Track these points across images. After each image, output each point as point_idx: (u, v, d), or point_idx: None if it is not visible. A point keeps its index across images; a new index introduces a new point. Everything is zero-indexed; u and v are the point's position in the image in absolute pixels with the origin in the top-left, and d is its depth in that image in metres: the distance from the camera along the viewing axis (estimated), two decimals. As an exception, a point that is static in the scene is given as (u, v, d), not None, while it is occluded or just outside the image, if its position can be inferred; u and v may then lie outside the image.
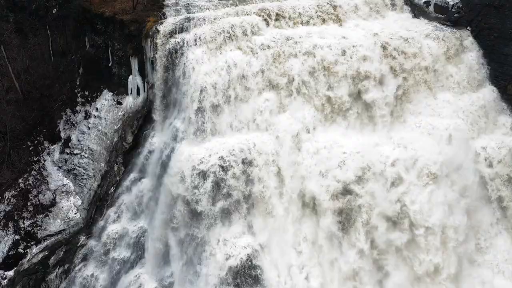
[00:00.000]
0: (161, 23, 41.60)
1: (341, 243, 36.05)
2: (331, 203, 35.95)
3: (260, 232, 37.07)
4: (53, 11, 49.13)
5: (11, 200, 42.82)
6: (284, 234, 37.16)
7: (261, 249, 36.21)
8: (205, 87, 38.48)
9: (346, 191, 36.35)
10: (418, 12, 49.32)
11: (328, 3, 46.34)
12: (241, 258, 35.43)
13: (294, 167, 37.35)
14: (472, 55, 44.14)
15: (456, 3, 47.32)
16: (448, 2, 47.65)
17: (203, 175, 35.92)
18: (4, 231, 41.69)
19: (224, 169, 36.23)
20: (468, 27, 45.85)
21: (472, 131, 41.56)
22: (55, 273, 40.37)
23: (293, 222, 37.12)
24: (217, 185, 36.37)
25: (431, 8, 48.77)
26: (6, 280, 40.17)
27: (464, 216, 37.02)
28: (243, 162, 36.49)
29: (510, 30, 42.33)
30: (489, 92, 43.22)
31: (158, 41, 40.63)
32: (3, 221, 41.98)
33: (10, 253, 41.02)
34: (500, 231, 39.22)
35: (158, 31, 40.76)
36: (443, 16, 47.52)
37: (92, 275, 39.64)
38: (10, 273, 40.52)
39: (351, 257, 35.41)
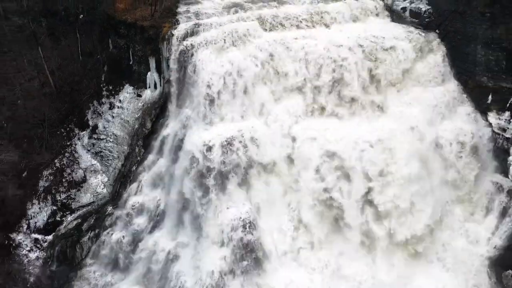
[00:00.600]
0: (175, 28, 49.63)
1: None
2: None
3: (257, 200, 44.94)
4: (81, 17, 56.85)
5: (49, 177, 50.80)
6: (276, 202, 45.07)
7: (258, 214, 44.08)
8: (212, 83, 46.39)
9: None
10: (396, 17, 56.88)
11: (317, 10, 54.04)
12: (241, 220, 43.29)
13: (284, 148, 45.16)
14: (439, 55, 51.69)
15: (428, 9, 54.86)
16: (421, 9, 55.18)
17: (212, 150, 43.79)
18: (44, 203, 49.64)
19: (227, 147, 44.08)
20: (437, 30, 53.32)
21: (437, 118, 48.98)
22: (87, 236, 48.48)
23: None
24: (222, 161, 44.23)
25: (407, 13, 56.27)
26: (46, 243, 48.17)
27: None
28: (243, 141, 44.33)
29: (471, 33, 49.73)
30: (453, 86, 50.65)
31: (173, 43, 48.70)
32: (42, 195, 49.95)
33: (49, 221, 48.94)
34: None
35: (173, 35, 48.80)
36: (417, 20, 55.08)
37: (118, 238, 47.65)
38: (49, 237, 48.46)
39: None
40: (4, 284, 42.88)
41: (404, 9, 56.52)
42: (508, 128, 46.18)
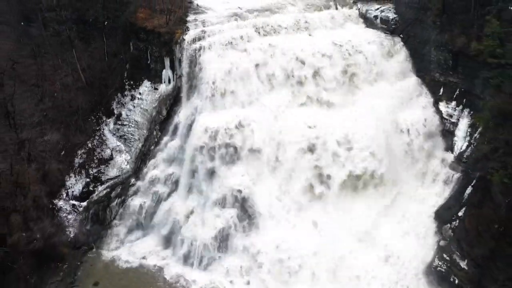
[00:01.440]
0: (186, 34, 61.22)
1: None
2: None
3: (250, 174, 56.13)
4: (106, 24, 68.32)
5: (83, 155, 62.21)
6: (267, 174, 56.38)
7: (252, 181, 55.35)
8: (215, 78, 57.91)
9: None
10: (369, 23, 68.28)
11: (302, 18, 65.41)
12: (238, 187, 54.65)
13: (273, 130, 56.56)
14: (401, 55, 63.20)
15: (394, 17, 66.28)
16: (389, 17, 66.60)
17: (215, 132, 55.19)
18: (79, 176, 61.06)
19: (228, 129, 55.54)
20: (401, 35, 64.79)
21: (400, 107, 60.32)
22: (115, 202, 59.94)
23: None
24: (224, 141, 55.65)
25: (378, 21, 67.69)
26: (81, 208, 59.49)
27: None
28: (240, 125, 55.77)
29: (426, 37, 61.03)
30: (413, 81, 62.12)
31: (184, 46, 60.32)
32: (78, 169, 61.34)
33: (83, 190, 60.27)
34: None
35: (184, 39, 60.40)
36: (385, 26, 66.51)
37: (140, 203, 59.14)
38: (84, 203, 59.78)
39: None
40: (53, 237, 54.09)
41: (376, 17, 67.94)
42: (454, 114, 57.35)
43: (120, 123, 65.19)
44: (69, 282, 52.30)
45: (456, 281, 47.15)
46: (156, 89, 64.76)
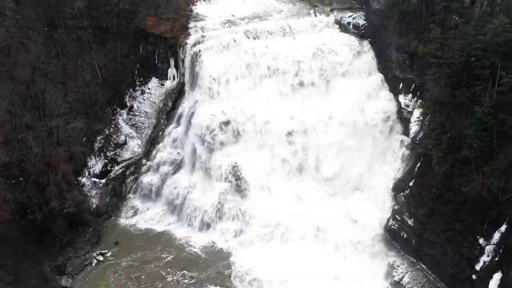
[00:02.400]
0: (188, 38, 73.16)
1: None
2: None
3: (241, 154, 68.11)
4: (118, 29, 79.93)
5: (101, 140, 73.97)
6: (255, 154, 68.39)
7: (243, 159, 67.35)
8: (213, 75, 69.92)
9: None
10: (343, 29, 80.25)
11: (286, 24, 77.38)
12: (232, 165, 66.67)
13: (261, 116, 68.57)
14: (369, 56, 75.22)
15: (364, 24, 78.29)
16: (360, 23, 78.59)
17: (213, 119, 67.18)
18: (99, 158, 72.75)
19: (223, 117, 67.62)
20: (369, 39, 76.77)
21: (367, 99, 72.33)
22: (129, 179, 71.84)
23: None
24: (220, 127, 67.65)
25: (351, 26, 79.62)
26: (101, 184, 71.31)
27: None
28: (234, 115, 67.88)
29: (389, 41, 73.08)
30: (377, 78, 74.12)
31: (186, 48, 72.25)
32: (97, 152, 73.07)
33: (102, 169, 72.04)
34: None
35: (186, 43, 72.33)
36: (356, 31, 78.48)
37: (150, 179, 71.02)
38: (103, 180, 71.54)
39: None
40: (80, 206, 65.77)
41: (348, 23, 79.92)
42: (410, 104, 69.27)
43: (132, 113, 77.10)
44: (94, 242, 64.09)
45: (405, 236, 59.40)
46: (162, 84, 76.77)
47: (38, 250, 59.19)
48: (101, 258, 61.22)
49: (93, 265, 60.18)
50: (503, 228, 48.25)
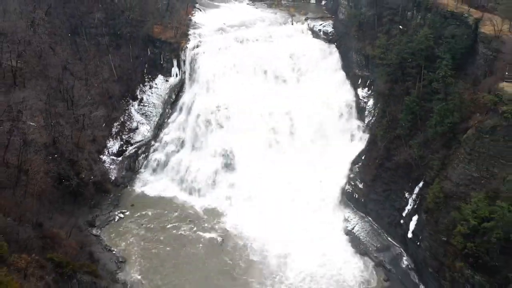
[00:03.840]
0: (188, 43, 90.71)
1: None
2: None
3: (231, 135, 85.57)
4: (130, 36, 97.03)
5: (117, 126, 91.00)
6: (242, 135, 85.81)
7: (232, 140, 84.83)
8: (208, 73, 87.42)
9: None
10: (315, 35, 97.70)
11: (267, 31, 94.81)
12: (223, 144, 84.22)
13: (246, 105, 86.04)
14: (335, 57, 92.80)
15: (332, 31, 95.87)
16: (328, 30, 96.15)
17: (209, 108, 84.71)
18: (115, 140, 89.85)
19: (217, 106, 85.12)
20: (335, 43, 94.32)
21: (332, 91, 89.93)
22: (141, 157, 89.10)
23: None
24: (214, 113, 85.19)
25: (321, 33, 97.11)
26: (118, 161, 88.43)
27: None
28: (225, 103, 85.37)
29: (350, 45, 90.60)
30: (342, 74, 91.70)
31: (187, 51, 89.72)
32: (114, 135, 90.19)
33: (119, 149, 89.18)
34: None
35: (187, 47, 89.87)
36: (326, 37, 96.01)
37: (158, 157, 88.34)
38: (120, 158, 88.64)
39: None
40: (103, 177, 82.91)
41: (319, 30, 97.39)
42: (366, 96, 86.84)
43: (142, 104, 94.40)
44: (115, 204, 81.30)
45: (357, 196, 77.16)
46: (167, 81, 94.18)
47: (73, 209, 76.14)
48: (121, 215, 78.52)
49: (116, 220, 77.45)
50: (420, 184, 65.99)
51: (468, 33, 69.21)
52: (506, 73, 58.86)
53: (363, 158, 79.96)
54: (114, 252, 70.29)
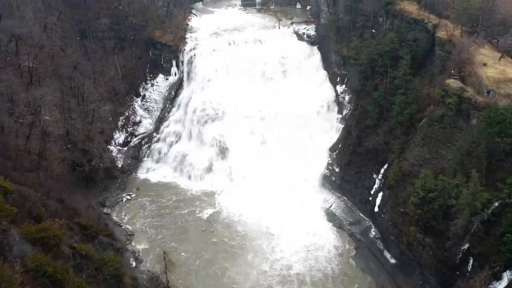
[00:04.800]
0: (185, 45, 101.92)
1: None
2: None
3: (224, 127, 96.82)
4: (133, 39, 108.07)
5: (123, 120, 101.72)
6: (234, 127, 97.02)
7: (225, 131, 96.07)
8: (204, 72, 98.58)
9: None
10: (299, 38, 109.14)
11: (258, 35, 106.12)
12: (218, 135, 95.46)
13: (238, 100, 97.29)
14: (317, 57, 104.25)
15: (314, 34, 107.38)
16: (311, 34, 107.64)
17: (204, 104, 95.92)
18: (121, 132, 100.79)
19: (211, 102, 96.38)
20: (317, 45, 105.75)
21: (316, 88, 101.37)
22: (144, 147, 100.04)
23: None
24: (209, 108, 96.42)
25: (305, 36, 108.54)
26: (124, 150, 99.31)
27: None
28: (219, 99, 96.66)
29: (330, 47, 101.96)
30: (323, 73, 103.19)
31: (185, 53, 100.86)
32: (120, 128, 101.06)
33: (125, 140, 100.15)
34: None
35: (185, 49, 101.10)
36: (309, 40, 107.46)
37: (160, 147, 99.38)
38: (125, 148, 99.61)
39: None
40: (112, 164, 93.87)
41: (303, 33, 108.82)
42: (344, 92, 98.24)
43: (145, 100, 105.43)
44: (122, 188, 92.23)
45: (334, 179, 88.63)
46: (167, 79, 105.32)
47: (86, 192, 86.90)
48: (128, 197, 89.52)
49: (123, 201, 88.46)
50: (385, 166, 77.50)
51: (428, 37, 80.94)
52: (452, 71, 70.41)
53: (339, 146, 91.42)
54: (123, 227, 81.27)
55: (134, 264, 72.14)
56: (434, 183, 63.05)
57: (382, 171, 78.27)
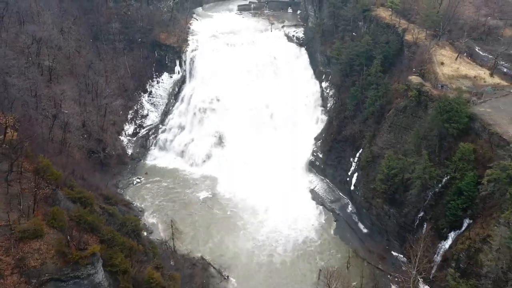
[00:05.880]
0: (188, 47, 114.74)
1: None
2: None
3: (222, 119, 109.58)
4: (141, 41, 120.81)
5: (132, 113, 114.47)
6: (231, 119, 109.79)
7: (223, 123, 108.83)
8: (204, 70, 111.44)
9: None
10: (289, 39, 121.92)
11: (252, 37, 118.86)
12: (216, 126, 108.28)
13: (236, 95, 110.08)
14: (305, 57, 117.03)
15: (303, 36, 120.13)
16: (300, 36, 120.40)
17: (205, 98, 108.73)
18: (131, 124, 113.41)
19: (211, 97, 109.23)
20: (305, 46, 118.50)
21: (304, 84, 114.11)
22: (151, 137, 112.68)
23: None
24: (208, 102, 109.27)
25: (294, 38, 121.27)
26: (133, 140, 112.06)
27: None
28: (218, 94, 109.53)
29: (316, 48, 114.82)
30: (310, 71, 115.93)
31: (187, 53, 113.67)
32: (130, 120, 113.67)
33: (134, 131, 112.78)
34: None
35: (187, 50, 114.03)
36: (298, 41, 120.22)
37: (165, 137, 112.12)
38: (134, 138, 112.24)
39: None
40: (123, 152, 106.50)
41: (293, 36, 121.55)
42: (328, 88, 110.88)
43: (151, 96, 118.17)
44: (132, 173, 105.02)
45: (317, 163, 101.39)
46: (171, 77, 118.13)
47: (101, 175, 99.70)
48: (138, 180, 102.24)
49: (134, 184, 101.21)
50: (360, 150, 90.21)
51: (398, 39, 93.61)
52: (414, 69, 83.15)
53: (323, 135, 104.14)
54: (135, 205, 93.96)
55: (145, 234, 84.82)
56: (395, 162, 75.82)
57: (357, 155, 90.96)
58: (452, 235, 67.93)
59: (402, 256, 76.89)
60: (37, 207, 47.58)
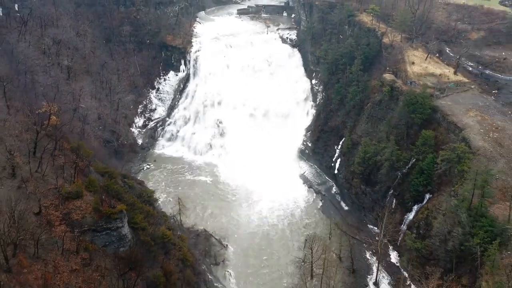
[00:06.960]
0: (192, 48, 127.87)
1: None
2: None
3: (223, 112, 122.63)
4: (149, 42, 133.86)
5: (141, 107, 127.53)
6: (231, 112, 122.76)
7: (223, 115, 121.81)
8: (206, 69, 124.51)
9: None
10: (283, 41, 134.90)
11: (251, 39, 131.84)
12: (217, 119, 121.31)
13: (235, 90, 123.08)
14: (297, 56, 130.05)
15: (295, 38, 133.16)
16: (293, 38, 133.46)
17: (207, 94, 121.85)
18: (141, 117, 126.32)
19: (213, 92, 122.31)
20: (298, 47, 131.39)
21: (296, 82, 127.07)
22: (159, 129, 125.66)
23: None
24: (210, 98, 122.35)
25: (288, 40, 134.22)
26: (143, 132, 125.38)
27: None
28: (219, 90, 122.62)
29: (307, 49, 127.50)
30: (302, 70, 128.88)
31: (191, 54, 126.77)
32: (140, 114, 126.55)
33: (143, 124, 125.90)
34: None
35: (191, 50, 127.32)
36: (291, 43, 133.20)
37: (171, 129, 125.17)
38: (144, 130, 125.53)
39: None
40: (134, 142, 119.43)
41: (287, 38, 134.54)
42: (318, 84, 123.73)
43: (159, 92, 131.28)
44: (142, 160, 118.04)
45: (307, 151, 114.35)
46: (177, 75, 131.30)
47: (116, 162, 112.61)
48: (148, 167, 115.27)
49: (144, 169, 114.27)
50: (343, 139, 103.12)
51: (377, 42, 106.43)
52: (388, 68, 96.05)
53: (312, 126, 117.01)
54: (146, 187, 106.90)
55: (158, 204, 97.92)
56: (370, 147, 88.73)
57: (340, 143, 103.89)
58: (415, 208, 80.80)
59: (376, 228, 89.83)
60: (77, 176, 60.68)
